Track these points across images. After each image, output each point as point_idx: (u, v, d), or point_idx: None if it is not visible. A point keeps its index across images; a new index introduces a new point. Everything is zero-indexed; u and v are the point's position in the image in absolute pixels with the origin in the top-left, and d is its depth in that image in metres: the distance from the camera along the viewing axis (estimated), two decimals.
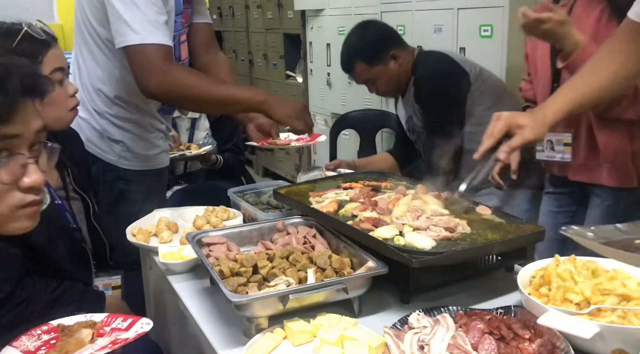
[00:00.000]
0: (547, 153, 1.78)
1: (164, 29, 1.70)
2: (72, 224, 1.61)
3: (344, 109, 3.77)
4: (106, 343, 1.14)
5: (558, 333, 0.95)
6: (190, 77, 1.71)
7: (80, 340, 1.14)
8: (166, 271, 1.39)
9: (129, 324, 1.19)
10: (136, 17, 1.65)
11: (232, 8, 5.60)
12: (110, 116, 1.90)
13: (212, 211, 1.65)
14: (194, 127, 2.97)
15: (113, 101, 1.88)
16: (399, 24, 3.24)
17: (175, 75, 1.68)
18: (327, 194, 1.49)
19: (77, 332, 1.15)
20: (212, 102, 1.75)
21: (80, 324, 1.19)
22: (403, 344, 0.96)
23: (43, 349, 1.14)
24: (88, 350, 1.12)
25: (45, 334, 1.17)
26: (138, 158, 1.95)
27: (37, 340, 1.15)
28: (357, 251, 1.22)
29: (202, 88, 1.71)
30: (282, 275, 1.16)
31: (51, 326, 1.19)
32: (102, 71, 1.87)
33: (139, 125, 1.95)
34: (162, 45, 1.67)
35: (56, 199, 1.59)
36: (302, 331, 1.03)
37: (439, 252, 1.11)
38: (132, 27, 1.65)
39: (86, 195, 1.69)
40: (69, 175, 1.67)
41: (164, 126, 2.07)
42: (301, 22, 4.35)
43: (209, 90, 1.71)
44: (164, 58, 1.67)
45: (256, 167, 5.61)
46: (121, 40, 1.67)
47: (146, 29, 1.65)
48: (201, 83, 1.72)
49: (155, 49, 1.66)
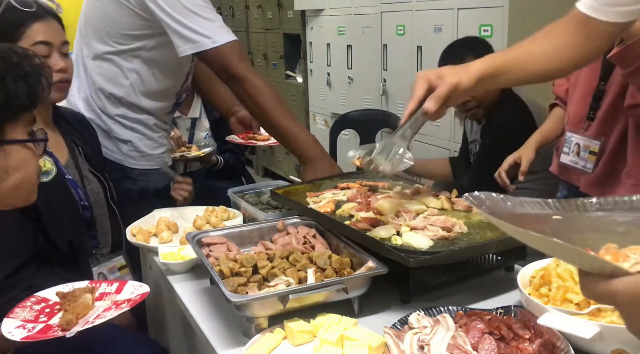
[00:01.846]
0: (571, 157, 1.74)
1: (227, 27, 1.78)
2: (83, 201, 1.63)
3: (344, 109, 3.78)
4: (107, 305, 1.17)
5: (558, 333, 0.95)
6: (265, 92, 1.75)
7: (87, 304, 1.18)
8: (166, 271, 1.39)
9: (118, 287, 1.25)
10: (200, 23, 1.71)
11: (232, 8, 5.60)
12: (117, 117, 1.92)
13: (212, 211, 1.65)
14: (194, 126, 2.97)
15: (121, 102, 1.90)
16: (399, 24, 3.24)
17: (253, 83, 1.74)
18: (325, 194, 1.49)
19: (81, 297, 1.18)
20: (276, 129, 1.79)
21: (80, 289, 1.23)
22: (403, 344, 0.96)
23: (42, 317, 1.16)
24: (96, 312, 1.14)
25: (36, 305, 1.20)
26: (144, 157, 1.98)
27: (31, 310, 1.17)
28: (357, 251, 1.22)
29: (270, 111, 1.75)
30: (282, 275, 1.16)
31: (38, 297, 1.23)
32: (112, 74, 1.89)
33: (146, 125, 1.97)
34: (234, 42, 1.75)
35: (66, 174, 1.61)
36: (302, 331, 1.03)
37: (437, 251, 1.11)
38: (201, 32, 1.71)
39: (102, 176, 1.71)
40: (81, 154, 1.69)
41: (167, 126, 2.10)
42: (301, 22, 4.35)
43: (276, 116, 1.75)
44: (240, 55, 1.75)
45: (256, 167, 5.61)
46: (191, 47, 1.72)
47: (215, 31, 1.72)
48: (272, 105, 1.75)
49: (230, 46, 1.73)
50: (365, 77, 3.68)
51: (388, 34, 3.36)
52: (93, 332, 1.47)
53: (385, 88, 3.47)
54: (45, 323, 1.13)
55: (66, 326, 1.11)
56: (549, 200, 0.76)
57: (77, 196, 1.63)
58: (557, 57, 1.18)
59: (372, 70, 3.56)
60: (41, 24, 1.55)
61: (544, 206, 0.75)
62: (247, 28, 5.37)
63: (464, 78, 1.16)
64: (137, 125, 1.95)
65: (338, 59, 4.00)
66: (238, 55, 1.74)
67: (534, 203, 0.76)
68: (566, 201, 0.75)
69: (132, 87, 1.91)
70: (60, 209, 1.56)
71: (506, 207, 0.75)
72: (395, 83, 3.40)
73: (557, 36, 1.18)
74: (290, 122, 1.78)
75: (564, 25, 1.18)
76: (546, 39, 1.20)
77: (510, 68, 1.20)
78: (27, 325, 1.11)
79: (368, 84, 3.65)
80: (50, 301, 1.21)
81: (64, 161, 1.65)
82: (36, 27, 1.54)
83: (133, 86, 1.90)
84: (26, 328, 1.10)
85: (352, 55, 3.84)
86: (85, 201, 1.65)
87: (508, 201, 0.76)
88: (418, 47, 3.09)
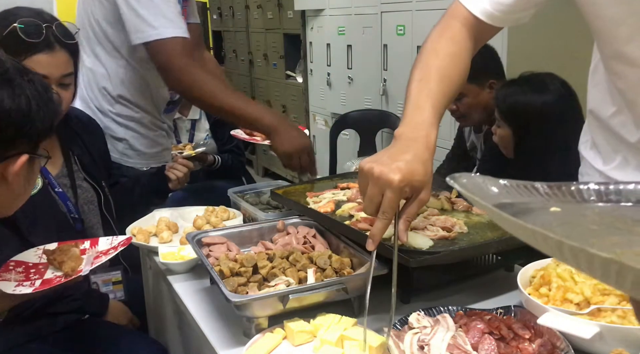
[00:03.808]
0: None
1: (180, 22, 1.73)
2: (72, 214, 1.61)
3: (344, 109, 3.78)
4: (94, 255, 1.20)
5: (558, 333, 0.95)
6: (207, 81, 1.72)
7: (77, 256, 1.19)
8: (166, 271, 1.39)
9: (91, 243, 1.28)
10: (152, 12, 1.67)
11: (232, 8, 5.60)
12: (113, 114, 1.91)
13: (212, 211, 1.65)
14: (194, 128, 2.97)
15: (116, 100, 1.89)
16: (399, 24, 3.24)
17: (193, 76, 1.69)
18: (325, 194, 1.49)
19: (70, 251, 1.20)
20: (223, 109, 1.74)
21: (64, 244, 1.25)
22: (403, 344, 0.96)
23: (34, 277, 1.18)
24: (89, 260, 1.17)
25: (18, 268, 1.23)
26: (140, 156, 1.97)
27: (17, 273, 1.19)
28: (357, 251, 1.22)
29: (216, 94, 1.71)
30: (282, 275, 1.16)
31: (16, 261, 1.24)
32: (106, 70, 1.88)
33: (142, 124, 1.96)
34: (179, 38, 1.69)
35: (56, 187, 1.59)
36: (302, 331, 1.03)
37: (437, 251, 1.11)
38: (149, 22, 1.67)
39: (97, 184, 1.69)
40: (77, 163, 1.67)
41: (165, 125, 2.09)
42: (301, 22, 4.35)
43: (221, 98, 1.71)
44: (183, 52, 1.69)
45: (256, 167, 5.61)
46: (138, 37, 1.69)
47: (163, 24, 1.68)
48: (216, 89, 1.71)
49: (174, 42, 1.68)
50: (365, 77, 3.68)
51: (388, 34, 3.36)
52: (93, 331, 1.47)
53: (385, 88, 3.47)
54: (40, 279, 1.15)
55: (72, 273, 1.13)
56: (536, 184, 0.64)
57: (65, 208, 1.60)
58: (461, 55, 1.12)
59: (372, 70, 3.56)
60: (44, 56, 1.47)
61: (533, 191, 0.63)
62: (247, 28, 5.37)
63: (429, 178, 0.98)
64: (131, 123, 1.94)
65: (338, 59, 4.00)
66: (179, 52, 1.69)
67: (519, 187, 0.64)
68: (557, 187, 0.64)
69: (123, 84, 1.89)
70: (45, 223, 1.50)
71: (492, 194, 0.62)
72: (395, 84, 3.40)
73: (456, 37, 1.11)
74: (238, 100, 1.72)
75: (457, 27, 1.11)
76: (446, 41, 1.11)
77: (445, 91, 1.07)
78: (24, 283, 1.12)
79: (368, 84, 3.65)
80: (30, 263, 1.23)
81: (56, 171, 1.62)
82: (36, 59, 1.45)
83: (124, 83, 1.88)
84: (25, 285, 1.11)
85: (352, 55, 3.84)
86: (75, 213, 1.62)
87: (491, 185, 0.63)
88: (418, 47, 3.08)
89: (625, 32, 0.96)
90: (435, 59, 1.08)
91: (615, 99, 1.09)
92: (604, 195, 0.62)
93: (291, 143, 1.68)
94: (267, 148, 4.19)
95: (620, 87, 1.06)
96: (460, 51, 1.09)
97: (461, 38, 1.10)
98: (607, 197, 0.62)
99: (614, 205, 0.61)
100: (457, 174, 0.63)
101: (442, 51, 1.09)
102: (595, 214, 0.60)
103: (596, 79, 1.15)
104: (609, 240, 0.53)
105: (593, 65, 1.17)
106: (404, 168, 0.94)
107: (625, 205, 0.61)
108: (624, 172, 1.11)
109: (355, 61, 3.82)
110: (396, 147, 0.99)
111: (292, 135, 1.69)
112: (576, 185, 0.63)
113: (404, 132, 1.00)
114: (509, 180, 0.64)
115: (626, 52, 0.99)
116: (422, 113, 1.01)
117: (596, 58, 1.14)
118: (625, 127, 1.08)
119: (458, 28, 1.10)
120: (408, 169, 0.94)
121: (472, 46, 1.11)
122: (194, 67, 1.71)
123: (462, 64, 1.10)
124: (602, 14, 0.98)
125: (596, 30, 1.04)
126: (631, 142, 1.08)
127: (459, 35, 1.10)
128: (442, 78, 1.06)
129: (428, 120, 1.00)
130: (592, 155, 1.20)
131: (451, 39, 1.10)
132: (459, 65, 1.09)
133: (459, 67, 1.09)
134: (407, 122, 1.01)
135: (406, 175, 0.93)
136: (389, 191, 0.93)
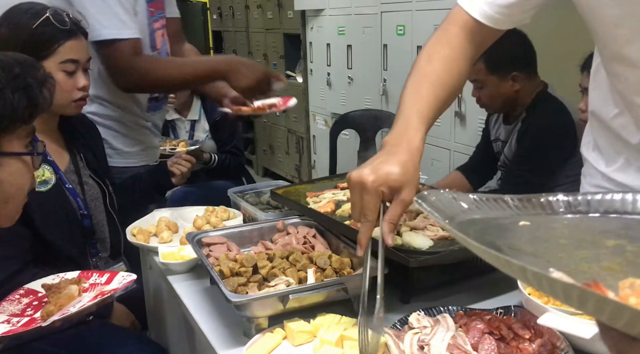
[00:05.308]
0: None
1: (132, 22, 1.73)
2: (82, 210, 1.63)
3: (344, 109, 3.77)
4: (94, 295, 1.18)
5: (558, 333, 0.95)
6: (153, 65, 1.75)
7: (71, 295, 1.19)
8: (166, 271, 1.39)
9: (108, 278, 1.26)
10: (103, 12, 1.68)
11: (232, 8, 5.61)
12: (89, 114, 1.89)
13: (212, 211, 1.65)
14: (193, 128, 2.97)
15: (92, 100, 1.87)
16: (399, 24, 3.24)
17: (140, 67, 1.72)
18: (325, 194, 1.49)
19: (66, 288, 1.19)
20: (179, 83, 1.82)
21: (66, 281, 1.25)
22: (403, 344, 0.96)
23: (29, 311, 1.16)
24: (80, 302, 1.15)
25: (24, 298, 1.21)
26: (121, 155, 1.96)
27: (19, 304, 1.18)
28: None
29: (166, 73, 1.76)
30: (282, 275, 1.16)
31: (27, 289, 1.24)
32: None
33: (120, 122, 1.95)
34: (130, 40, 1.71)
35: (67, 183, 1.61)
36: (302, 331, 1.03)
37: (437, 251, 1.11)
38: (101, 21, 1.68)
39: (102, 181, 1.71)
40: (82, 160, 1.68)
41: (149, 123, 2.06)
42: (301, 22, 4.35)
43: (172, 74, 1.76)
44: (132, 52, 1.71)
45: (256, 167, 5.61)
46: (92, 36, 1.69)
47: (114, 24, 1.69)
48: (165, 68, 1.76)
49: (124, 44, 1.70)
50: (365, 77, 3.68)
51: (388, 34, 3.36)
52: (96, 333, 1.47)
53: (386, 88, 3.47)
54: (30, 316, 1.14)
55: (46, 317, 1.12)
56: (506, 197, 0.64)
57: (76, 204, 1.62)
58: (457, 59, 1.11)
59: (372, 70, 3.56)
60: (73, 42, 1.57)
61: (503, 205, 0.64)
62: (247, 28, 5.37)
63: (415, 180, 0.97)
64: (110, 122, 1.93)
65: (338, 59, 4.00)
66: (129, 53, 1.71)
67: (489, 201, 0.64)
68: (527, 199, 0.64)
69: (98, 83, 1.86)
70: (58, 218, 1.55)
71: (462, 211, 0.61)
72: (395, 83, 3.40)
73: (452, 41, 1.11)
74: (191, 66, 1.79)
75: (454, 31, 1.11)
76: (442, 46, 1.11)
77: (438, 95, 1.06)
78: (12, 319, 1.12)
79: (368, 84, 3.65)
80: (40, 293, 1.22)
81: (64, 167, 1.64)
82: (68, 45, 1.56)
83: (98, 82, 1.86)
84: (11, 322, 1.11)
85: (352, 55, 3.84)
86: (84, 209, 1.64)
87: (461, 201, 0.63)
88: (418, 47, 3.09)
89: (625, 34, 0.97)
90: (429, 64, 1.09)
91: (616, 101, 1.09)
92: (573, 206, 0.63)
93: (247, 78, 1.73)
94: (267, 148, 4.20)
95: (620, 89, 1.06)
96: (455, 55, 1.10)
97: (458, 42, 1.10)
98: (576, 208, 0.63)
99: (582, 216, 0.62)
100: (425, 192, 0.64)
101: (436, 56, 1.10)
102: (564, 226, 0.61)
103: (597, 81, 1.16)
104: (577, 255, 0.53)
105: (594, 67, 1.17)
106: (377, 169, 0.95)
107: (593, 215, 0.62)
108: (626, 174, 1.12)
109: (355, 61, 3.82)
110: (378, 154, 1.01)
111: (246, 70, 1.74)
112: (545, 197, 0.64)
113: (389, 140, 1.02)
114: (479, 194, 0.65)
115: (626, 53, 0.99)
116: (407, 120, 1.02)
117: (597, 60, 1.14)
118: (626, 129, 1.09)
119: (455, 32, 1.10)
120: (382, 170, 0.95)
121: (471, 50, 1.11)
122: (142, 61, 1.74)
123: (457, 68, 1.10)
124: (602, 16, 0.98)
125: (596, 32, 1.04)
126: (633, 144, 1.08)
127: (455, 39, 1.10)
128: (433, 83, 1.07)
129: (413, 125, 1.01)
130: (594, 156, 1.20)
131: (447, 43, 1.10)
132: (454, 69, 1.10)
133: (453, 71, 1.09)
134: (393, 130, 1.03)
135: (380, 175, 0.94)
136: (364, 194, 0.95)
